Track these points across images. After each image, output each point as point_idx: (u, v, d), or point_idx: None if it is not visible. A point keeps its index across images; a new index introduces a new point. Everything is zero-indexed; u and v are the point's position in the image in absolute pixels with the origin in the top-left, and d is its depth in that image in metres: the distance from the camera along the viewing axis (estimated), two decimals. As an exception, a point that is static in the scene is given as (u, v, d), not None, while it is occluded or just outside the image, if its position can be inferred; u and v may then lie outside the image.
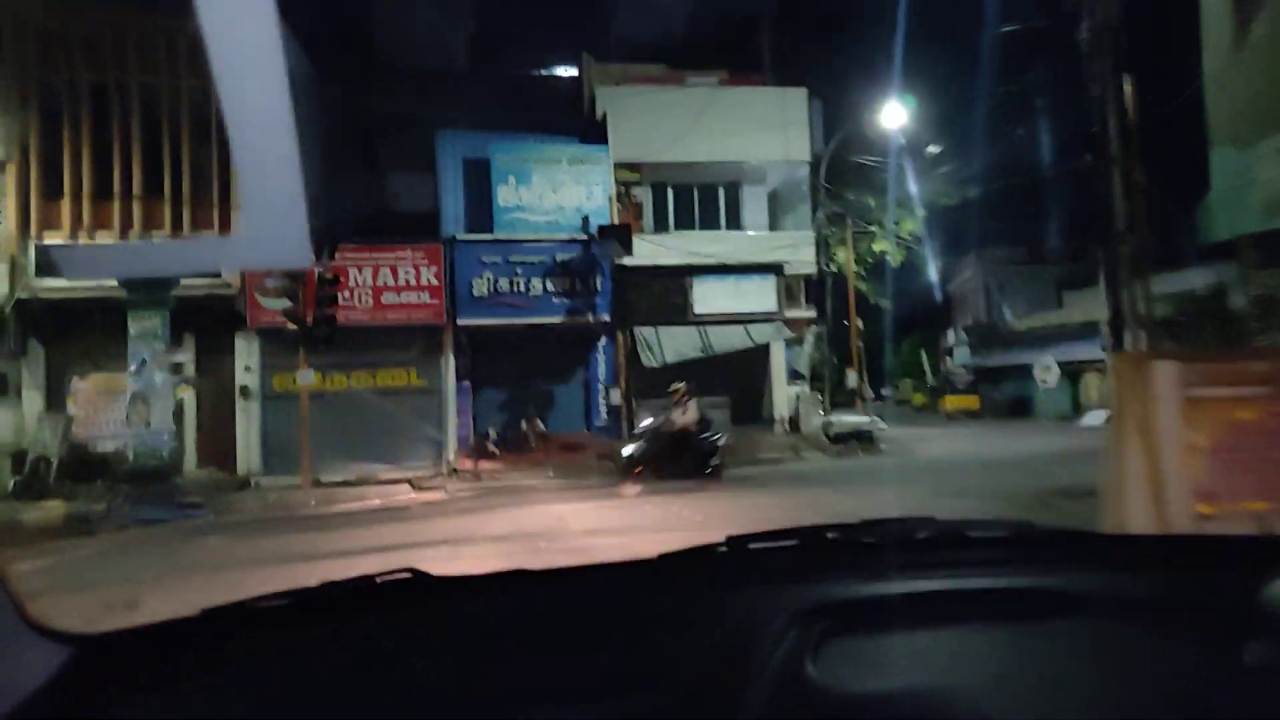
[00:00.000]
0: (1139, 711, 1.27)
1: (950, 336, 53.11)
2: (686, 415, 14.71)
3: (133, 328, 14.38)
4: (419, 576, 1.55)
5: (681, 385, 15.09)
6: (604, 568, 1.70)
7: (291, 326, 15.86)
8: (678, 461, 14.13)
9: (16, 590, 1.18)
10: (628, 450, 14.59)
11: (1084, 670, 1.32)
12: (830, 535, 1.80)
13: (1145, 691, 1.29)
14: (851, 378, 25.07)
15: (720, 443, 14.71)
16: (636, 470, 13.92)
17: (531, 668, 1.35)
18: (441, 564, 1.78)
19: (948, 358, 53.93)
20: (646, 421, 15.08)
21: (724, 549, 1.70)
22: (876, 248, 30.20)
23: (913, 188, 27.39)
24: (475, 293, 19.58)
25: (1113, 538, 2.13)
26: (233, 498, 15.86)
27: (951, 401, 37.40)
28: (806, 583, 1.50)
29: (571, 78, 23.01)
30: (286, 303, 15.53)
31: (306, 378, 16.20)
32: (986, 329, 40.92)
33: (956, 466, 17.82)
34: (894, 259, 30.31)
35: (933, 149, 24.38)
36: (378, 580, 1.53)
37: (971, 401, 36.90)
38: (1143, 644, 1.37)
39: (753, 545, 1.71)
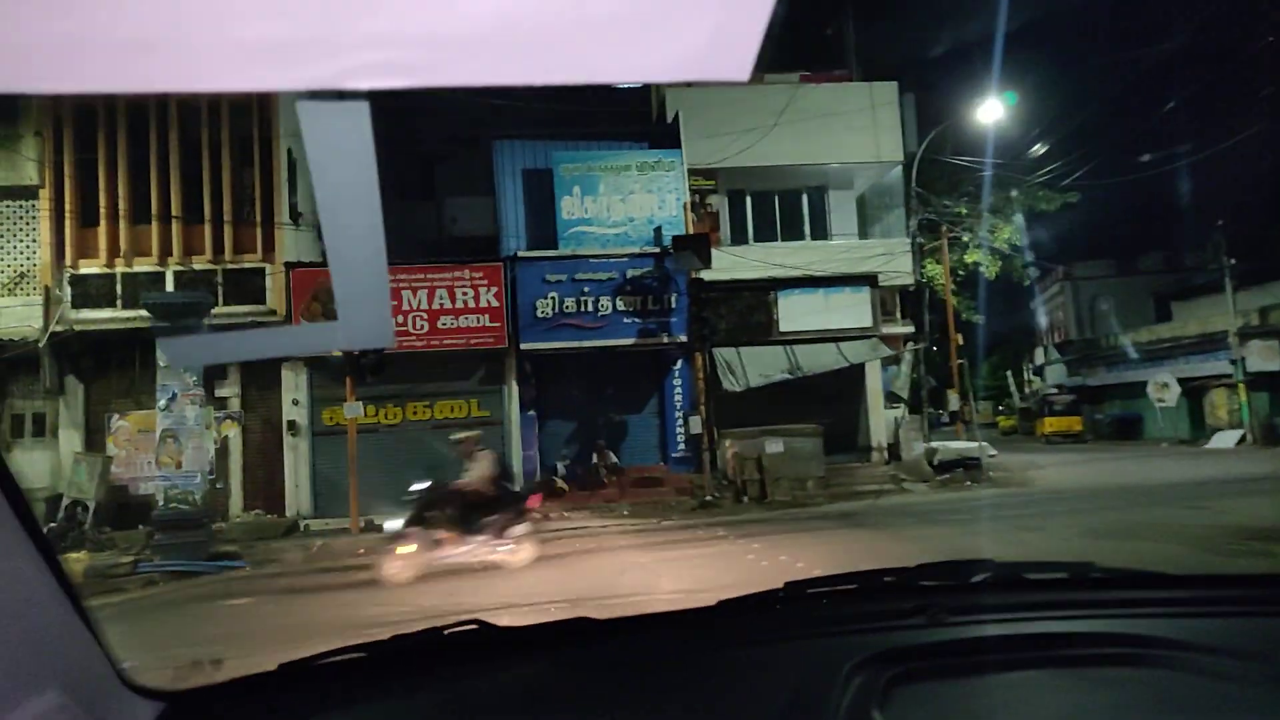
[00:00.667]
0: None
1: (1039, 355, 50.22)
2: (477, 470, 10.91)
3: (162, 359, 12.90)
4: (484, 628, 1.58)
5: (472, 434, 11.24)
6: (665, 616, 1.71)
7: (336, 354, 14.32)
8: (469, 530, 10.39)
9: (112, 649, 1.18)
10: (392, 525, 10.91)
11: (1153, 718, 1.27)
12: (888, 579, 1.78)
13: None
14: (953, 400, 22.73)
15: (530, 503, 11.11)
16: (410, 551, 10.18)
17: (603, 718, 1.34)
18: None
19: (1035, 378, 50.97)
20: (420, 484, 10.98)
21: (783, 594, 1.70)
22: (969, 259, 27.94)
23: (1012, 192, 25.14)
24: (539, 314, 17.89)
25: (1179, 578, 1.78)
26: (274, 546, 14.27)
27: (1051, 424, 34.53)
28: (868, 628, 1.50)
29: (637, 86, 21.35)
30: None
31: (354, 410, 14.63)
32: (1085, 346, 38.05)
33: (1089, 498, 15.53)
34: (989, 271, 28.01)
35: (1037, 149, 22.10)
36: (445, 633, 1.56)
37: (1073, 423, 34.02)
38: (1214, 691, 1.30)
39: (811, 590, 1.72)
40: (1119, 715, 1.28)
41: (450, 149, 22.39)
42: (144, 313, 14.70)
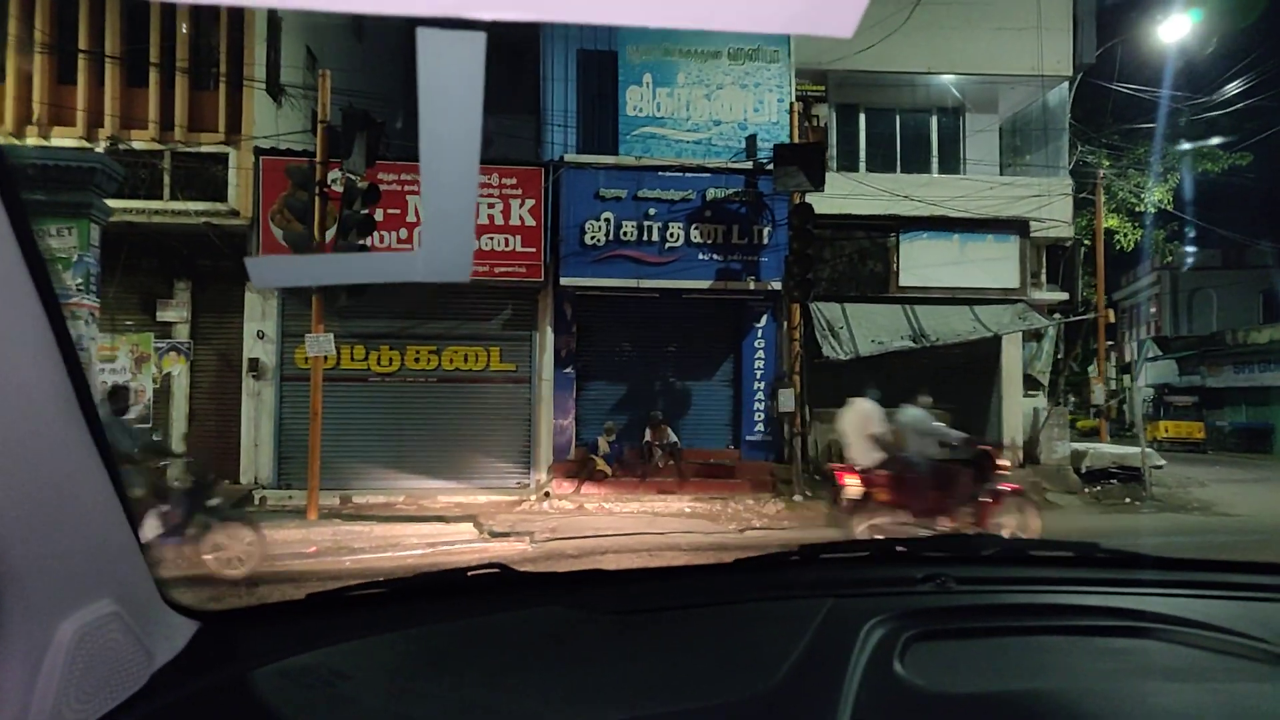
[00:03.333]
0: None
1: (1128, 350, 45.12)
2: None
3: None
4: (505, 571, 1.60)
5: None
6: (684, 570, 1.81)
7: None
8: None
9: (158, 571, 1.19)
10: None
11: (1153, 687, 1.26)
12: (900, 549, 1.82)
13: (1213, 712, 1.21)
14: (1097, 391, 18.13)
15: None
16: None
17: (622, 661, 1.32)
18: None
19: (1124, 375, 45.97)
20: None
21: (796, 557, 1.74)
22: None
23: (1180, 143, 20.29)
24: (587, 240, 13.52)
25: (1179, 561, 1.77)
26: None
27: (1167, 428, 29.72)
28: (881, 592, 1.54)
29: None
30: (292, 226, 9.71)
31: (321, 346, 10.40)
32: (1203, 342, 33.05)
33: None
34: (1125, 241, 23.19)
35: (1232, 87, 17.27)
36: (468, 574, 1.58)
37: (1194, 429, 29.17)
38: (1212, 663, 1.31)
39: (825, 556, 1.77)
40: (1123, 681, 1.27)
41: (490, 57, 17.95)
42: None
